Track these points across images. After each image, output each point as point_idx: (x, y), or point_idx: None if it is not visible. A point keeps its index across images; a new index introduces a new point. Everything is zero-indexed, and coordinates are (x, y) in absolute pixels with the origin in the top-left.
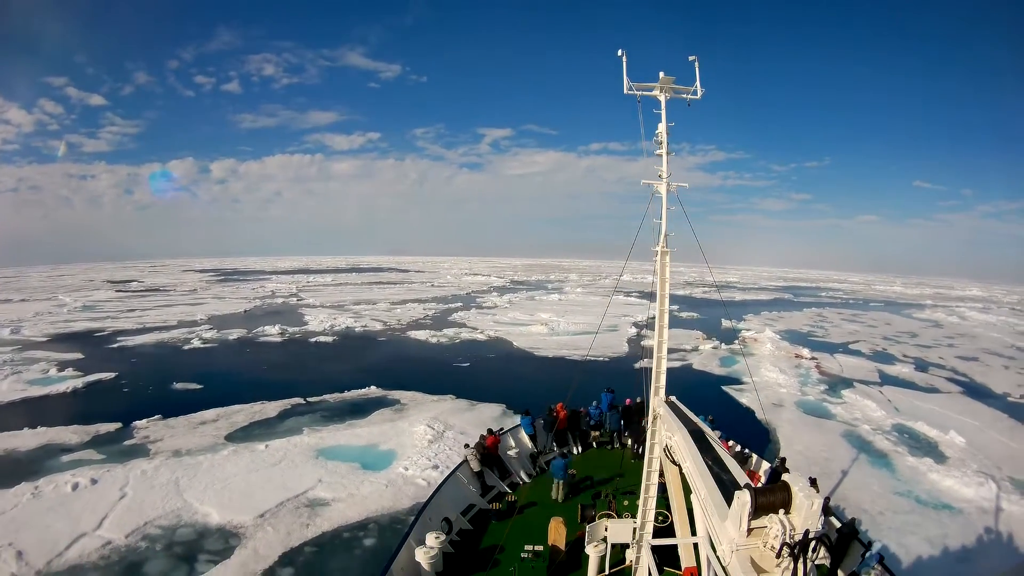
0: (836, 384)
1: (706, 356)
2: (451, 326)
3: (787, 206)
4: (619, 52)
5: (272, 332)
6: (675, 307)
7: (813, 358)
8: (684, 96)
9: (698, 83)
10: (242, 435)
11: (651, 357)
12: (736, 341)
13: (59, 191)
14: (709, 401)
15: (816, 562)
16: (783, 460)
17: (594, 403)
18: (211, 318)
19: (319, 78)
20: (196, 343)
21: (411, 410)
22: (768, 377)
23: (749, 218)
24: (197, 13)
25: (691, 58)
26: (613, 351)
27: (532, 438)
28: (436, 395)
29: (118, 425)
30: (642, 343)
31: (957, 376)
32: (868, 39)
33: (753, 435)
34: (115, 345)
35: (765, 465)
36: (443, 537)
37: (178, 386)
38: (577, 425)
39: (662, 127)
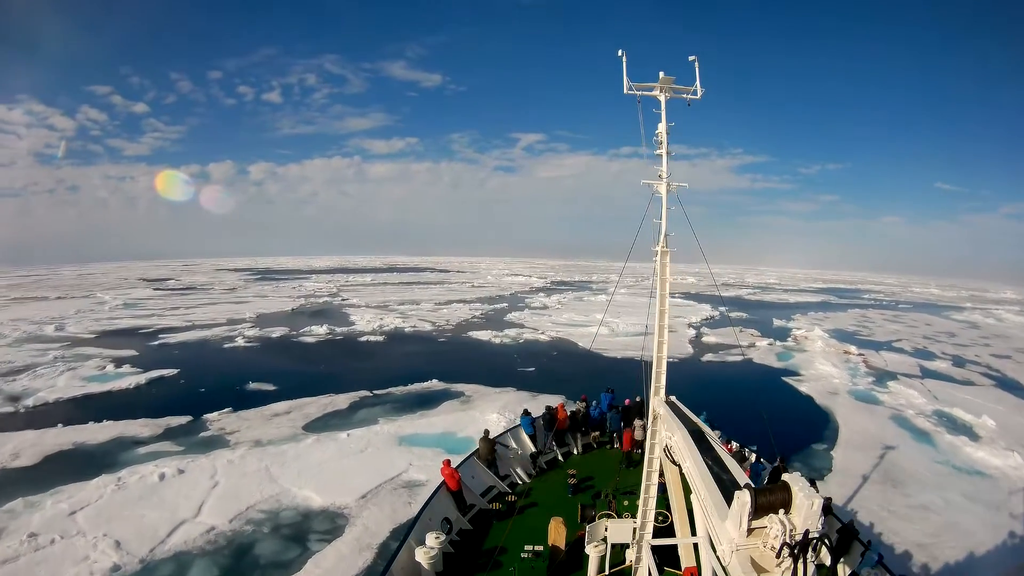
0: (882, 376)
1: (763, 352)
2: (509, 326)
3: (812, 207)
4: (619, 52)
5: (320, 331)
6: (724, 308)
7: (860, 354)
8: (684, 96)
9: (698, 83)
10: (319, 425)
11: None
12: (789, 338)
13: (97, 192)
14: (709, 401)
15: (816, 562)
16: (783, 459)
17: (594, 403)
18: (259, 316)
19: (361, 87)
20: (245, 341)
21: (479, 400)
22: (822, 370)
23: (775, 220)
24: (242, 27)
25: (691, 58)
26: (677, 352)
27: (532, 438)
28: (499, 387)
29: (188, 418)
30: (702, 340)
31: (991, 371)
32: (888, 42)
33: (813, 418)
34: (166, 342)
35: (752, 457)
36: (443, 537)
37: (241, 381)
38: (577, 425)
39: (662, 127)
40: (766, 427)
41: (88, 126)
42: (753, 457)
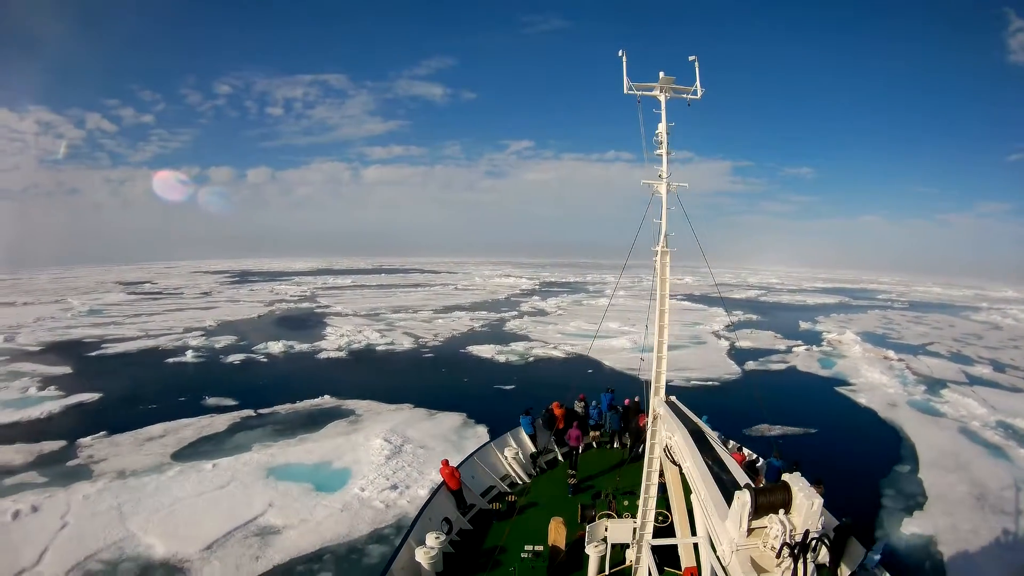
0: (933, 384)
1: (804, 358)
2: (511, 339)
3: (791, 208)
4: (619, 52)
5: (275, 348)
6: (739, 312)
7: (901, 359)
8: (684, 96)
9: (698, 83)
10: (189, 453)
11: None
12: (823, 343)
13: (96, 195)
14: (709, 402)
15: (816, 562)
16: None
17: (593, 403)
18: (221, 324)
19: (363, 100)
20: (192, 355)
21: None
22: (871, 378)
23: (757, 219)
24: (253, 44)
25: (691, 58)
26: (722, 371)
27: (532, 438)
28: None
29: (63, 443)
30: (736, 348)
31: None
32: (856, 49)
33: (884, 435)
34: (108, 355)
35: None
36: (443, 537)
37: (147, 402)
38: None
39: (662, 127)
40: (770, 430)
41: (97, 135)
42: (747, 454)
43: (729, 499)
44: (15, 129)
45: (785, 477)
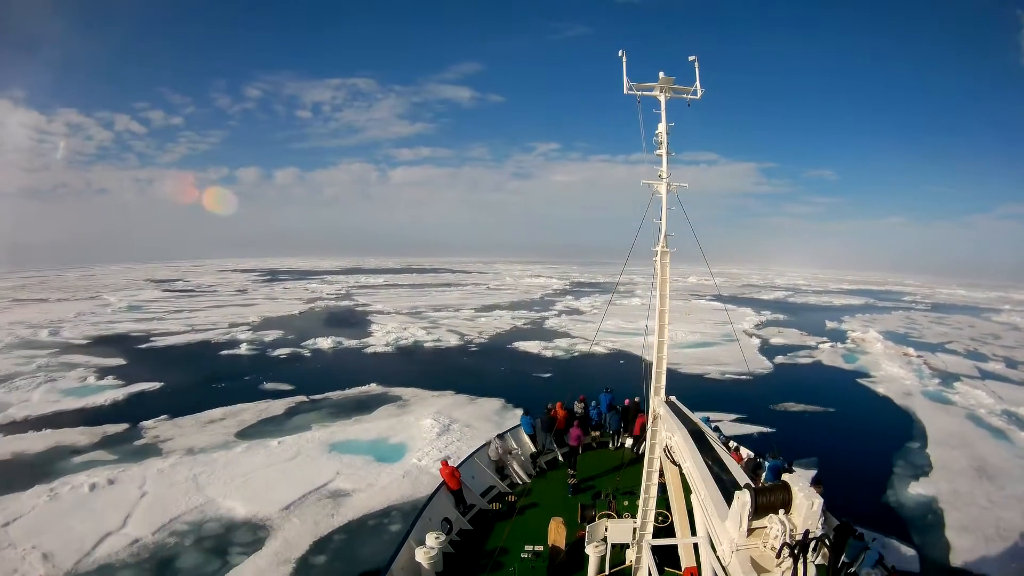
0: (947, 378)
1: (829, 354)
2: (554, 336)
3: (814, 210)
4: (619, 52)
5: (324, 343)
6: (767, 312)
7: (919, 356)
8: (684, 96)
9: (698, 83)
10: (252, 432)
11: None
12: (848, 340)
13: (125, 194)
14: (741, 391)
15: (816, 562)
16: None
17: (593, 403)
18: (264, 320)
19: (392, 103)
20: (245, 348)
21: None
22: (890, 371)
23: (780, 221)
24: (285, 50)
25: (691, 58)
26: (759, 366)
27: (532, 438)
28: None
29: (126, 425)
30: (769, 345)
31: None
32: (875, 51)
33: (898, 419)
34: (158, 347)
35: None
36: (443, 537)
37: (203, 389)
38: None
39: (662, 127)
40: (774, 432)
41: (126, 136)
42: (746, 454)
43: (729, 499)
44: (43, 130)
45: (785, 477)
